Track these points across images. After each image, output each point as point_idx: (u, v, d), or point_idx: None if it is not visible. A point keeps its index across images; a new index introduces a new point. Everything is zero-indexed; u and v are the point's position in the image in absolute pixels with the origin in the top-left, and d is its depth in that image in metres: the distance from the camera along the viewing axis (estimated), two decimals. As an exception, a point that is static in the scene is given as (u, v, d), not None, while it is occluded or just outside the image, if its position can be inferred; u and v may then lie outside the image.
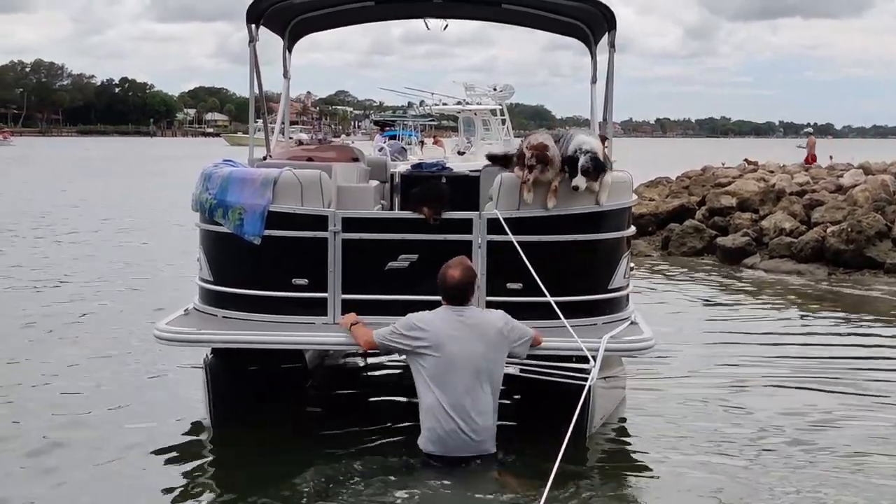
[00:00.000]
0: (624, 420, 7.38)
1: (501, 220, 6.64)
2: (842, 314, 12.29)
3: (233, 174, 7.02)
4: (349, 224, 6.79)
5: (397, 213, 7.88)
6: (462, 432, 5.92)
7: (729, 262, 16.87)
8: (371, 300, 6.72)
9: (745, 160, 26.40)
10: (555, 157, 6.74)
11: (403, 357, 6.44)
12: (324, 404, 7.86)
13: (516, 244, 6.56)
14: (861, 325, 11.64)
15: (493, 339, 6.08)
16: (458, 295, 6.14)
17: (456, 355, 5.96)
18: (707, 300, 13.57)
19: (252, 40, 8.23)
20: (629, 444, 6.88)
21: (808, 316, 12.28)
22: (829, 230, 16.02)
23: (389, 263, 6.80)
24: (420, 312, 6.21)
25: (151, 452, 6.54)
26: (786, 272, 15.69)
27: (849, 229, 15.61)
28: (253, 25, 8.20)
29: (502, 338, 6.12)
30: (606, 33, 7.99)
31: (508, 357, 6.26)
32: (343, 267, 6.80)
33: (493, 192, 6.91)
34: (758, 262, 16.48)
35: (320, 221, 6.78)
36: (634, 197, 7.72)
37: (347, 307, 6.75)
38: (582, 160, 6.65)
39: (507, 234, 6.62)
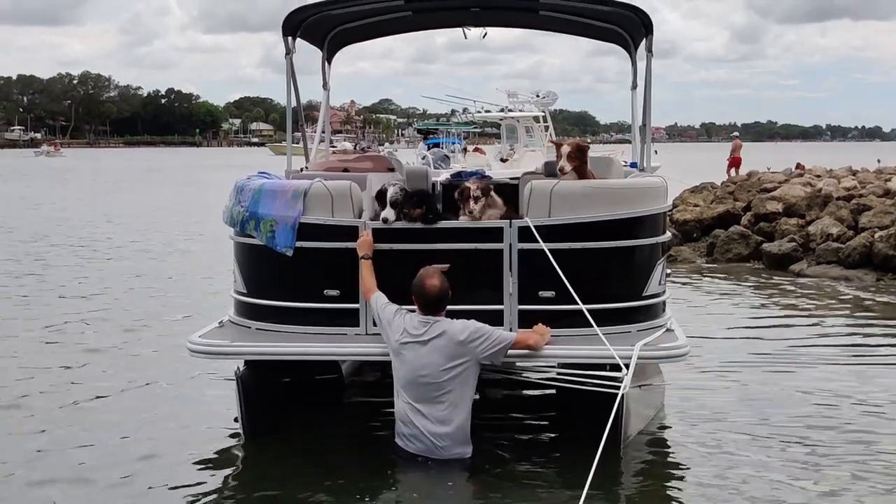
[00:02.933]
0: (663, 427, 7.29)
1: (532, 227, 6.58)
2: (891, 321, 12.01)
3: (264, 186, 7.05)
4: (380, 234, 6.78)
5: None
6: (424, 436, 6.17)
7: (775, 269, 16.60)
8: None
9: (798, 164, 26.02)
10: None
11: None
12: (359, 416, 7.80)
13: (547, 252, 6.49)
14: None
15: (453, 351, 6.17)
16: (436, 304, 6.33)
17: (414, 364, 6.20)
18: (752, 306, 13.34)
19: (289, 52, 8.29)
20: (666, 452, 6.78)
21: (856, 322, 12.01)
22: (876, 235, 15.70)
23: None
24: (401, 310, 6.41)
25: (184, 464, 6.56)
26: (833, 278, 15.40)
27: (897, 234, 15.31)
28: (290, 38, 8.27)
29: (464, 349, 6.19)
30: (645, 38, 7.92)
31: (485, 364, 6.32)
32: (375, 277, 6.78)
33: (523, 199, 6.86)
34: (804, 269, 16.19)
35: (351, 232, 6.79)
36: (669, 202, 7.61)
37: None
38: (391, 192, 6.83)
39: (538, 241, 6.57)
